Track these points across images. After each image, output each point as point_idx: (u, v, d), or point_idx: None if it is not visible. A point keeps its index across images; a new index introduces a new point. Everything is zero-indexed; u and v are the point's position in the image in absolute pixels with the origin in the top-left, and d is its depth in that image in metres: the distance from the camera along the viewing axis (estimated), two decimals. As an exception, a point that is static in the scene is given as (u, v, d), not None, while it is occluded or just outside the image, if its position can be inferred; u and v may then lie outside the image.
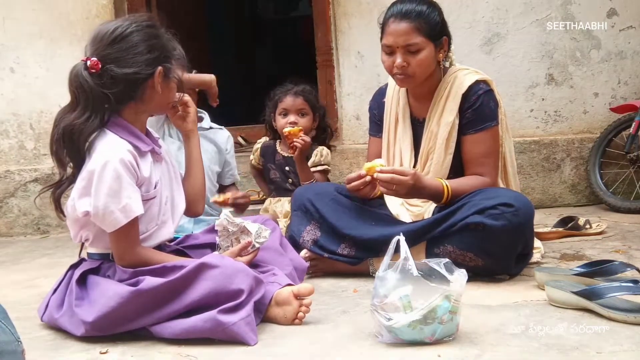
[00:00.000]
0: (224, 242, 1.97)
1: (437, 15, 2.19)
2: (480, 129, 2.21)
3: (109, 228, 1.75)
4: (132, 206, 1.74)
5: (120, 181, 1.72)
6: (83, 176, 1.75)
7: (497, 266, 2.08)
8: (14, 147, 3.91)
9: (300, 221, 2.32)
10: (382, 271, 1.58)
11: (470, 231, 2.04)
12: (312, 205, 2.31)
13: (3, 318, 1.18)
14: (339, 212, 2.27)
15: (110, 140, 1.79)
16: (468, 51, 3.50)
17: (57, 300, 1.85)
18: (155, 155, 1.90)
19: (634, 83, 3.51)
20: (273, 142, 2.97)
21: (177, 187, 2.01)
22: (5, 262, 3.06)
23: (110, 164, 1.71)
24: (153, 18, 1.87)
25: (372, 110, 2.51)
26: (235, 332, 1.62)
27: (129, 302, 1.67)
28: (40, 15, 3.81)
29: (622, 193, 3.37)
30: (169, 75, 1.84)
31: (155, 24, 1.84)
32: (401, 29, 2.14)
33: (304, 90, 2.86)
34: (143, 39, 1.78)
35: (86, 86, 1.73)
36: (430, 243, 2.13)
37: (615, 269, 1.86)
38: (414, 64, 2.15)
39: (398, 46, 2.15)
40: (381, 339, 1.57)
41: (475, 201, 2.07)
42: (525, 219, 2.04)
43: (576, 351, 1.45)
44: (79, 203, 1.76)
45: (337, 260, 2.26)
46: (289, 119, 2.81)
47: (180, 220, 2.03)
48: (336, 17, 3.75)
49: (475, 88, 2.21)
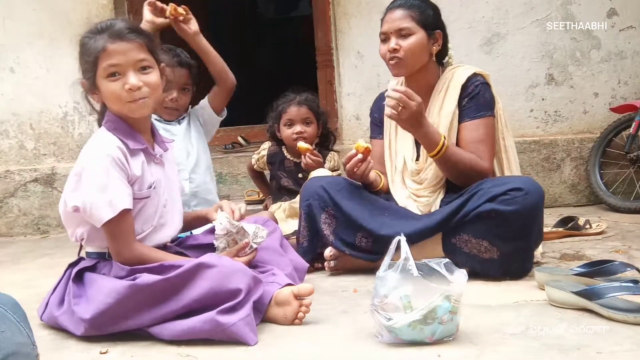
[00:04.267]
0: (221, 243, 1.97)
1: (430, 9, 2.31)
2: (476, 116, 2.26)
3: (97, 222, 1.75)
4: (119, 200, 1.74)
5: (107, 176, 1.73)
6: (74, 172, 1.78)
7: (511, 256, 2.08)
8: (14, 147, 3.91)
9: (314, 210, 2.32)
10: (382, 271, 1.58)
11: (484, 219, 2.07)
12: (325, 192, 2.32)
13: (22, 321, 1.20)
14: (353, 202, 2.29)
15: (101, 135, 1.82)
16: (468, 51, 3.50)
17: (57, 298, 1.85)
18: (152, 156, 1.90)
19: (634, 83, 3.51)
20: (279, 148, 2.96)
21: (177, 193, 2.02)
22: (5, 262, 3.06)
23: (99, 159, 1.75)
24: (100, 22, 1.85)
25: (372, 114, 2.57)
26: (235, 333, 1.61)
27: (125, 297, 1.66)
28: (40, 15, 3.81)
29: (622, 193, 3.37)
30: (93, 84, 1.82)
31: (90, 31, 1.83)
32: (395, 16, 2.27)
33: (307, 99, 2.86)
34: (80, 51, 1.86)
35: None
36: (446, 233, 2.16)
37: (615, 269, 1.86)
38: (404, 46, 2.24)
39: (392, 31, 2.26)
40: (381, 339, 1.57)
41: (485, 189, 2.09)
42: (537, 201, 2.06)
43: (576, 351, 1.45)
44: (69, 198, 1.78)
45: (358, 258, 2.27)
46: (295, 129, 2.81)
47: (181, 226, 2.03)
48: (336, 17, 3.75)
49: (473, 79, 2.29)
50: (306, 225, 2.34)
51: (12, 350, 1.12)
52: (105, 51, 1.76)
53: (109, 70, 1.77)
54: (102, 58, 1.77)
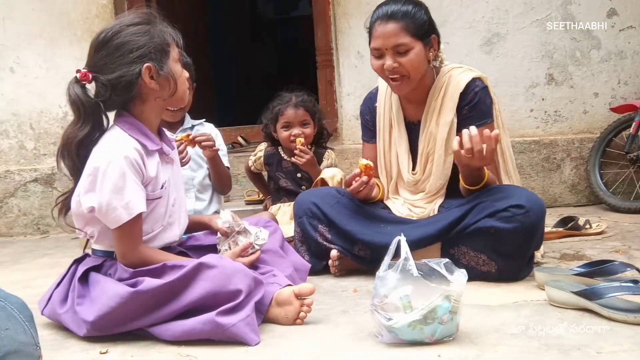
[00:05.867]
0: (222, 245, 1.97)
1: (423, 14, 2.16)
2: (477, 125, 2.18)
3: (112, 224, 1.75)
4: (135, 203, 1.74)
5: (124, 178, 1.72)
6: (88, 172, 1.75)
7: (510, 269, 2.07)
8: (14, 147, 3.91)
9: (307, 228, 2.29)
10: (382, 271, 1.58)
11: (483, 234, 2.05)
12: (318, 209, 2.28)
13: (28, 321, 1.21)
14: (347, 217, 2.25)
15: (117, 136, 1.79)
16: (468, 51, 3.50)
17: (61, 294, 1.84)
18: (164, 156, 1.89)
19: (634, 83, 3.51)
20: (275, 149, 2.95)
21: (183, 191, 2.02)
22: (5, 262, 3.06)
23: (115, 160, 1.72)
24: (142, 14, 1.83)
25: (364, 116, 2.47)
26: (235, 334, 1.61)
27: (128, 302, 1.67)
28: (40, 15, 3.81)
29: (622, 193, 3.37)
30: (162, 68, 1.79)
31: (138, 21, 1.80)
32: (388, 31, 2.11)
33: (303, 100, 2.83)
34: (124, 40, 1.77)
35: (75, 98, 1.77)
36: (445, 244, 2.14)
37: (615, 269, 1.86)
38: (405, 63, 2.12)
39: (386, 48, 2.12)
40: (381, 339, 1.57)
41: (487, 203, 2.06)
42: (537, 220, 2.03)
43: (576, 351, 1.45)
44: (84, 198, 1.76)
45: (359, 264, 2.25)
46: (293, 131, 2.80)
47: (187, 223, 2.03)
48: (336, 17, 3.75)
49: (472, 86, 2.20)
50: (304, 240, 2.33)
51: (14, 349, 1.12)
52: (171, 37, 1.84)
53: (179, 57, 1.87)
54: (173, 44, 1.84)
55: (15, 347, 1.12)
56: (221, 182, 2.73)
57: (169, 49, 1.82)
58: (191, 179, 2.70)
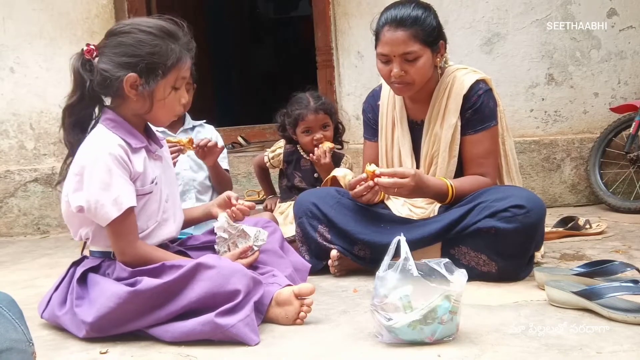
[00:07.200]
0: (222, 247, 1.97)
1: (433, 19, 2.14)
2: (480, 129, 2.20)
3: (103, 222, 1.75)
4: (124, 198, 1.73)
5: (110, 174, 1.72)
6: (75, 171, 1.76)
7: (510, 270, 2.07)
8: (14, 147, 3.91)
9: (307, 228, 2.29)
10: (382, 271, 1.58)
11: (483, 234, 2.05)
12: (317, 209, 2.27)
13: (18, 318, 1.20)
14: (347, 217, 2.24)
15: (100, 134, 1.80)
16: (468, 51, 3.50)
17: (60, 297, 1.84)
18: (152, 153, 1.90)
19: (634, 83, 3.51)
20: (295, 147, 2.92)
21: (177, 188, 2.02)
22: (5, 262, 3.06)
23: (100, 157, 1.73)
24: (167, 26, 1.81)
25: (366, 114, 2.46)
26: (235, 334, 1.61)
27: (127, 302, 1.67)
28: (40, 15, 3.81)
29: (622, 193, 3.37)
30: (148, 84, 1.77)
31: (154, 31, 1.78)
32: (397, 38, 2.08)
33: (323, 104, 2.81)
34: (127, 42, 1.76)
35: (72, 67, 1.81)
36: (445, 244, 2.13)
37: (615, 269, 1.86)
38: (413, 72, 2.11)
39: (395, 55, 2.10)
40: (381, 339, 1.57)
41: (487, 203, 2.05)
42: (537, 220, 2.03)
43: (576, 351, 1.45)
44: (73, 197, 1.76)
45: (360, 264, 2.24)
46: (315, 136, 2.78)
47: (182, 220, 2.03)
48: (336, 17, 3.75)
49: (476, 88, 2.19)
50: (304, 241, 2.32)
51: (7, 347, 1.12)
52: (181, 61, 1.82)
53: (179, 82, 1.83)
54: (178, 69, 1.81)
55: (7, 345, 1.12)
56: (221, 185, 2.74)
57: (167, 72, 1.78)
58: (192, 179, 2.71)
